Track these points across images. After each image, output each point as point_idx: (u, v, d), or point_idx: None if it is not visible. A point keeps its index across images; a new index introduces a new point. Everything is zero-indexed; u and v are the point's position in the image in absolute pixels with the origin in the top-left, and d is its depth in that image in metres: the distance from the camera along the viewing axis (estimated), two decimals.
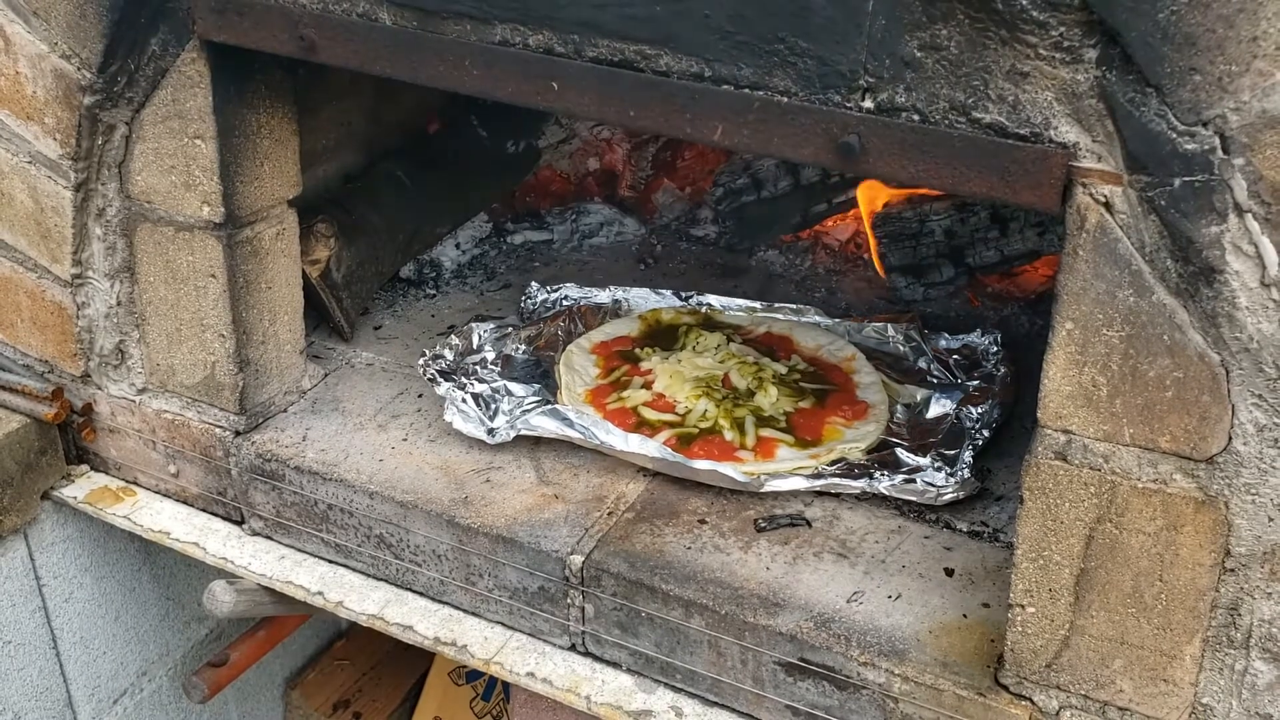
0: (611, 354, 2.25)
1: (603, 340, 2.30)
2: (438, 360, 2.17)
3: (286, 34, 1.73)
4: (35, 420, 2.20)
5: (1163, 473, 1.41)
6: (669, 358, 2.21)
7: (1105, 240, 1.35)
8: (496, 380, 2.16)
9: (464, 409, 2.05)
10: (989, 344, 2.20)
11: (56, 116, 1.97)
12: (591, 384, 2.17)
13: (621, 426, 2.01)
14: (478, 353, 2.23)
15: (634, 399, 2.11)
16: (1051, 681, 1.55)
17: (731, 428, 2.03)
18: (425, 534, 1.92)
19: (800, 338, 2.28)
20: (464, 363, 2.20)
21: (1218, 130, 1.24)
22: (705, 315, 2.37)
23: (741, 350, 2.22)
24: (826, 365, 2.19)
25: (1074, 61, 1.31)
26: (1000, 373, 2.13)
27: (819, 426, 2.04)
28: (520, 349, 2.28)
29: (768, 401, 2.09)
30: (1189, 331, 1.34)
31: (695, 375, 2.15)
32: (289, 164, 2.04)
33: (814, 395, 2.11)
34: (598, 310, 2.40)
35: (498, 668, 1.87)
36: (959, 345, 2.22)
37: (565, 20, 1.56)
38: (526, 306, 2.42)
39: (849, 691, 1.66)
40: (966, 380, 2.15)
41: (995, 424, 2.02)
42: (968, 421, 2.02)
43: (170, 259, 2.03)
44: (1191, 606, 1.44)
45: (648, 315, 2.36)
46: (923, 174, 1.42)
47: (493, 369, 2.20)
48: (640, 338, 2.30)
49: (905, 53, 1.38)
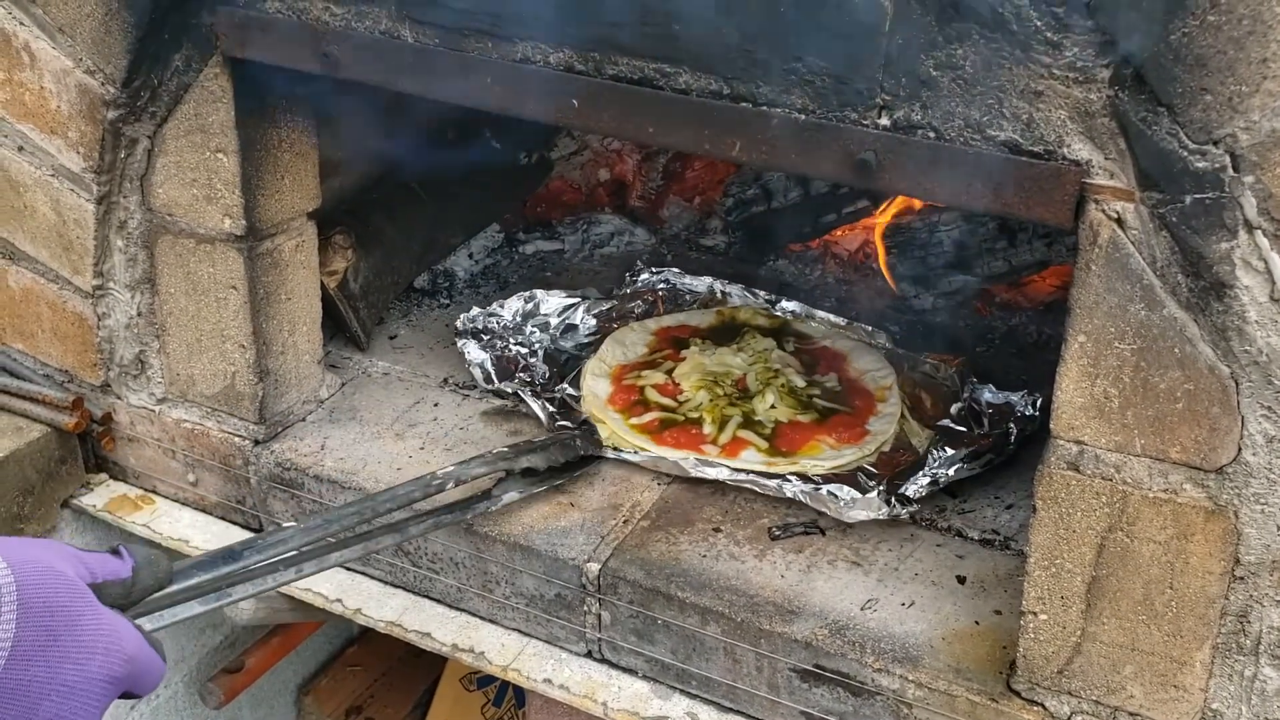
0: (668, 338, 2.33)
1: (669, 325, 2.38)
2: (491, 318, 2.32)
3: (310, 51, 1.76)
4: (55, 429, 2.22)
5: (1173, 483, 1.44)
6: (709, 351, 2.25)
7: (1117, 255, 1.37)
8: (535, 349, 2.32)
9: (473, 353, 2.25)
10: (1025, 407, 2.07)
11: (80, 131, 2.00)
12: (627, 360, 2.24)
13: (622, 402, 2.12)
14: (537, 316, 2.37)
15: (648, 379, 2.19)
16: (1063, 687, 1.58)
17: (713, 423, 2.08)
18: (443, 542, 1.95)
19: (855, 359, 2.25)
20: (519, 322, 2.35)
21: (1228, 149, 1.27)
22: (783, 321, 2.38)
23: (782, 358, 2.23)
24: (860, 390, 2.17)
25: (1087, 81, 1.34)
26: (1008, 430, 2.03)
27: (803, 441, 2.05)
28: (587, 320, 2.39)
29: (762, 407, 2.12)
30: (1199, 345, 1.37)
31: (713, 370, 2.20)
32: (308, 177, 2.07)
33: (820, 413, 2.12)
34: (692, 298, 2.48)
35: (515, 674, 1.89)
36: (1000, 402, 2.09)
37: (585, 38, 1.58)
38: (626, 283, 2.52)
39: (863, 698, 1.69)
40: (978, 430, 2.06)
41: (961, 467, 1.95)
42: (933, 460, 1.97)
43: (191, 270, 2.05)
44: (1201, 614, 1.47)
45: (725, 311, 2.41)
46: (938, 190, 1.44)
47: (545, 335, 2.35)
48: (708, 330, 2.36)
49: (921, 72, 1.41)
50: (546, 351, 2.33)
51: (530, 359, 2.31)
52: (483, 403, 2.23)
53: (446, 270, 2.62)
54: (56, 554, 1.07)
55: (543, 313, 2.41)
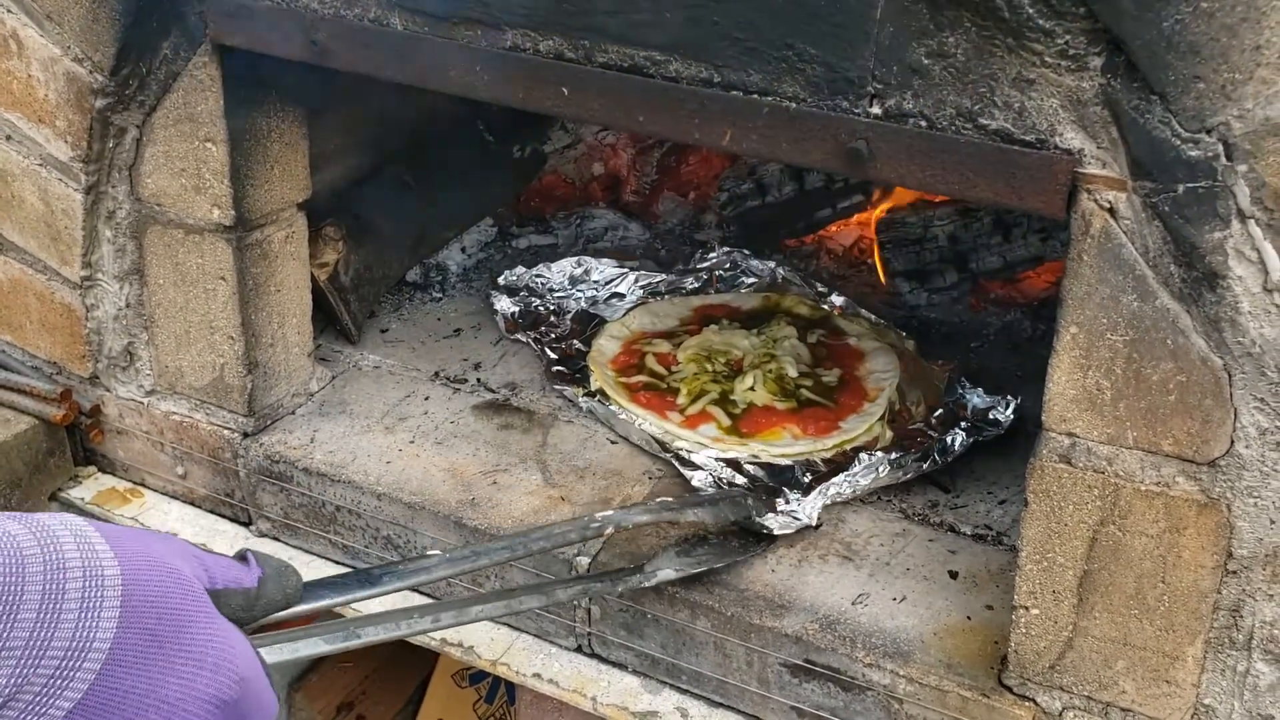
0: (701, 316, 2.37)
1: (711, 303, 2.42)
2: (538, 278, 2.40)
3: (299, 38, 1.75)
4: (43, 422, 2.21)
5: (1165, 475, 1.42)
6: (725, 330, 2.29)
7: (1109, 245, 1.36)
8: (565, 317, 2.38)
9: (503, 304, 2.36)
10: (1004, 411, 2.01)
11: (68, 119, 1.99)
12: (653, 329, 2.32)
13: (622, 364, 2.21)
14: (585, 281, 2.45)
15: (654, 347, 2.25)
16: (1055, 683, 1.57)
17: (688, 394, 2.12)
18: (433, 535, 1.94)
19: (871, 359, 2.22)
20: (564, 284, 2.45)
21: (1221, 137, 1.26)
22: (825, 314, 2.36)
23: (794, 347, 2.23)
24: (856, 388, 2.16)
25: (1079, 69, 1.32)
26: (948, 439, 1.97)
27: (766, 426, 2.06)
28: (635, 290, 2.45)
29: (741, 388, 2.13)
30: (1192, 336, 1.35)
31: (714, 348, 2.23)
32: (298, 167, 2.06)
33: (800, 403, 2.11)
34: (753, 281, 2.49)
35: (504, 669, 1.88)
36: (986, 406, 2.03)
37: (575, 26, 1.57)
38: (694, 259, 2.54)
39: (854, 693, 1.68)
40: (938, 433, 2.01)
41: (878, 476, 1.91)
42: (858, 462, 1.92)
43: (180, 261, 2.04)
44: (1194, 608, 1.45)
45: (773, 297, 2.42)
46: (930, 179, 1.43)
47: (585, 298, 2.43)
48: (747, 312, 2.38)
49: (913, 60, 1.39)
50: (579, 312, 2.41)
51: (558, 316, 2.38)
52: (474, 396, 2.22)
53: (439, 264, 2.61)
54: (174, 550, 0.96)
55: (593, 279, 2.47)
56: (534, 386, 2.25)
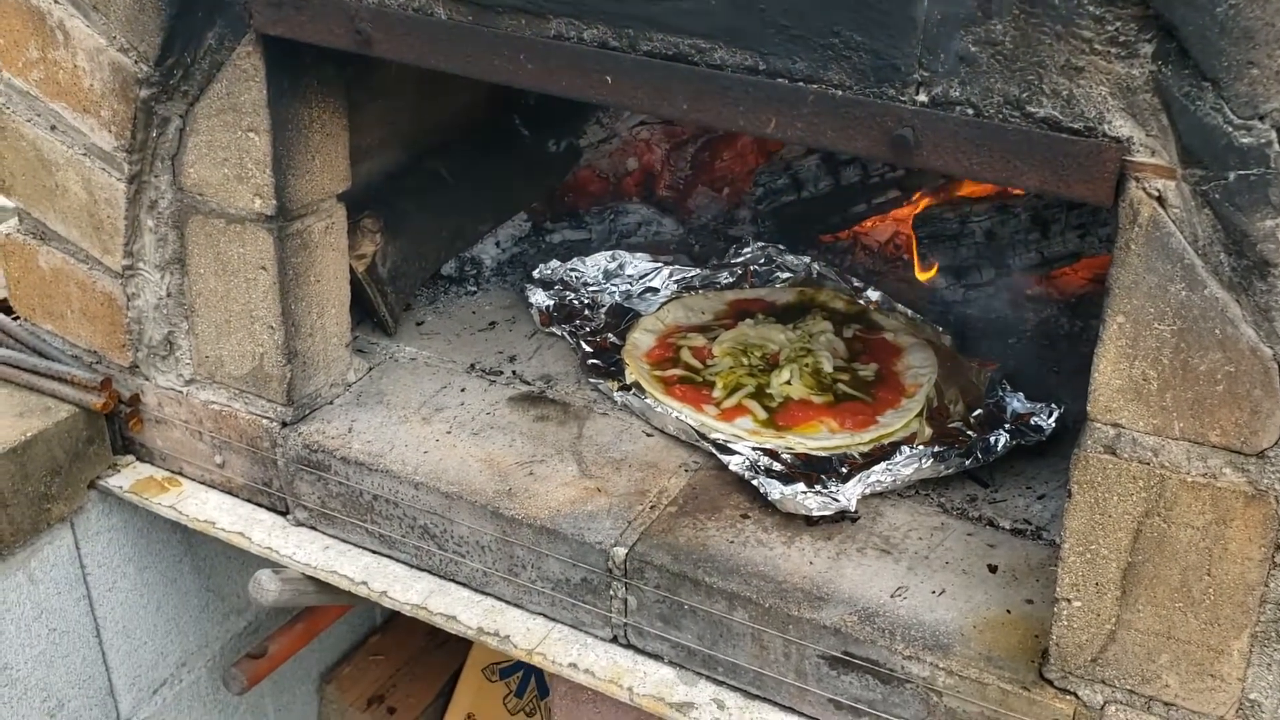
0: (735, 310, 2.38)
1: (746, 297, 2.42)
2: (573, 271, 2.42)
3: (343, 28, 1.76)
4: (83, 410, 2.23)
5: (1212, 467, 1.41)
6: (762, 324, 2.29)
7: (1158, 234, 1.35)
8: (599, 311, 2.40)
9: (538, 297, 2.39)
10: (1046, 418, 1.99)
11: (113, 109, 2.00)
12: (688, 323, 2.33)
13: (657, 357, 2.21)
14: (620, 275, 2.46)
15: (689, 340, 2.25)
16: (1097, 676, 1.56)
17: (724, 388, 2.12)
18: (469, 525, 1.94)
19: (908, 354, 2.22)
20: (599, 278, 2.46)
21: (1275, 124, 1.25)
22: (861, 309, 2.36)
23: (830, 341, 2.23)
24: (894, 384, 2.15)
25: (1129, 56, 1.32)
26: (992, 439, 1.96)
27: (804, 419, 2.05)
28: (670, 285, 2.46)
29: (777, 381, 2.13)
30: (1241, 325, 1.34)
31: (751, 342, 2.23)
32: (339, 158, 2.06)
33: (838, 397, 2.11)
34: (788, 276, 2.48)
35: (540, 658, 1.88)
36: (1025, 411, 2.01)
37: (620, 14, 1.57)
38: (730, 254, 2.54)
39: (892, 685, 1.67)
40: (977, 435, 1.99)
41: (921, 467, 1.92)
42: (900, 454, 1.93)
43: (221, 251, 2.05)
44: (1240, 601, 1.44)
45: (808, 291, 2.42)
46: (977, 167, 1.43)
47: (620, 292, 2.44)
48: (783, 307, 2.38)
49: (960, 47, 1.39)
50: (614, 306, 2.41)
51: (592, 310, 2.39)
52: (509, 388, 2.22)
53: (474, 258, 2.61)
54: None
55: (627, 273, 2.48)
56: (569, 379, 2.25)
